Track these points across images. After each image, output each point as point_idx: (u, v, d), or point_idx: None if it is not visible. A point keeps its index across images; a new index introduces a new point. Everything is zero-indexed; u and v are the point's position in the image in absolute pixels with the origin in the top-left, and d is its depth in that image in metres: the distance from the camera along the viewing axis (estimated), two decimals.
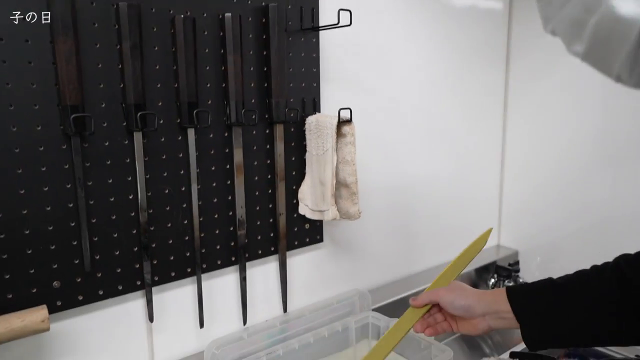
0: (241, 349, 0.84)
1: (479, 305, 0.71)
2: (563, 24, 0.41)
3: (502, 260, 1.32)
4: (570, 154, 1.24)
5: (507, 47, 1.33)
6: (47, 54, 0.66)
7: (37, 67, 0.65)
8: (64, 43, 0.65)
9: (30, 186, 0.66)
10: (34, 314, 0.64)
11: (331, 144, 0.86)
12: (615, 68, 0.39)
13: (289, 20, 0.87)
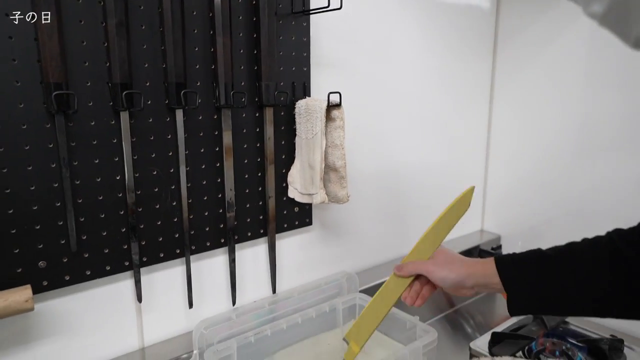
0: (230, 328, 0.80)
1: (469, 279, 0.68)
2: None
3: (485, 244, 1.30)
4: (552, 143, 1.21)
5: (494, 40, 1.29)
6: (29, 30, 0.60)
7: (17, 43, 0.60)
8: (46, 18, 0.60)
9: (13, 165, 0.61)
10: (17, 294, 0.60)
11: (320, 128, 0.82)
12: (634, 30, 0.35)
13: (280, 3, 0.82)
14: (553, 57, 1.18)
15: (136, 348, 0.78)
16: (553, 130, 1.20)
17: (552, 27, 1.16)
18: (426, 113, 1.16)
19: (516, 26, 1.24)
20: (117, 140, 0.69)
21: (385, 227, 1.13)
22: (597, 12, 0.36)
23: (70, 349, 0.71)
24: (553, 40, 1.16)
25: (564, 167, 1.19)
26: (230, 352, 0.76)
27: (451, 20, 1.16)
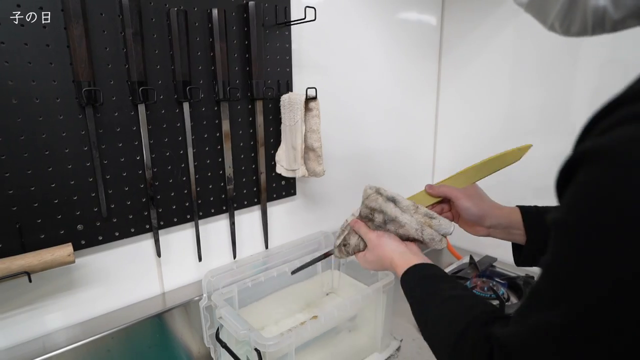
0: (232, 277, 0.83)
1: (491, 218, 0.60)
2: None
3: None
4: (486, 128, 1.24)
5: (440, 46, 1.31)
6: (62, 38, 0.62)
7: (54, 49, 0.61)
8: (76, 29, 0.61)
9: (54, 148, 0.64)
10: (62, 250, 0.63)
11: (300, 117, 0.85)
12: (550, 17, 0.38)
13: (266, 16, 0.84)
14: (485, 60, 1.21)
15: (158, 293, 0.81)
16: (486, 117, 1.23)
17: (483, 37, 1.19)
18: (386, 105, 1.19)
19: (456, 37, 1.27)
20: (136, 128, 0.71)
21: (354, 195, 1.16)
22: (523, 2, 0.39)
23: (104, 294, 0.74)
24: (485, 47, 1.19)
25: (495, 146, 1.19)
26: (232, 295, 0.80)
27: (406, 30, 1.18)
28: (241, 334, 0.66)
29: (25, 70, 0.59)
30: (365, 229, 0.63)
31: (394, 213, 0.59)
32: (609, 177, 0.26)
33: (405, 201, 0.60)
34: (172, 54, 0.73)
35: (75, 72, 0.63)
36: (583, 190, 0.27)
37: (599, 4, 0.34)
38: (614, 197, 0.25)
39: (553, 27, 0.39)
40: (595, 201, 0.26)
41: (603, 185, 0.26)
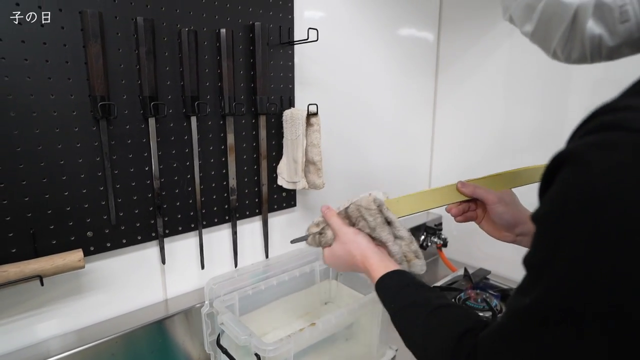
0: (233, 284, 0.85)
1: (523, 226, 0.60)
2: (519, 9, 0.42)
3: (430, 222, 1.36)
4: (481, 144, 1.28)
5: (436, 64, 1.36)
6: (80, 55, 0.66)
7: (72, 66, 0.65)
8: (94, 47, 0.66)
9: (68, 158, 0.67)
10: (73, 255, 0.65)
11: (302, 131, 0.88)
12: (553, 45, 0.40)
13: (271, 36, 0.88)
14: (480, 78, 1.26)
15: (161, 299, 0.83)
16: (481, 134, 1.27)
17: (478, 56, 1.24)
18: (385, 120, 1.23)
19: (452, 55, 1.32)
20: (146, 140, 0.75)
21: None
22: (528, 31, 0.42)
23: (111, 298, 0.77)
24: (480, 66, 1.24)
25: (489, 162, 1.25)
26: (233, 302, 0.83)
27: (404, 49, 1.23)
28: (242, 339, 0.69)
29: (45, 85, 0.63)
30: (340, 223, 0.62)
31: (385, 238, 0.59)
32: (575, 177, 0.29)
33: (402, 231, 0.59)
34: (181, 71, 0.77)
35: (92, 87, 0.67)
36: (557, 189, 0.31)
37: (594, 32, 0.36)
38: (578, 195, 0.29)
39: (556, 55, 0.42)
40: (564, 197, 0.30)
41: (570, 184, 0.30)
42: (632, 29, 0.35)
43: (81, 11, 0.65)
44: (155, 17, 0.72)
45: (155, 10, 0.72)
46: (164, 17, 0.74)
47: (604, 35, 0.36)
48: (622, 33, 0.35)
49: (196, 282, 0.88)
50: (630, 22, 0.34)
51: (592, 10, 0.36)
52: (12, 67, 0.60)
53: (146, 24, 0.70)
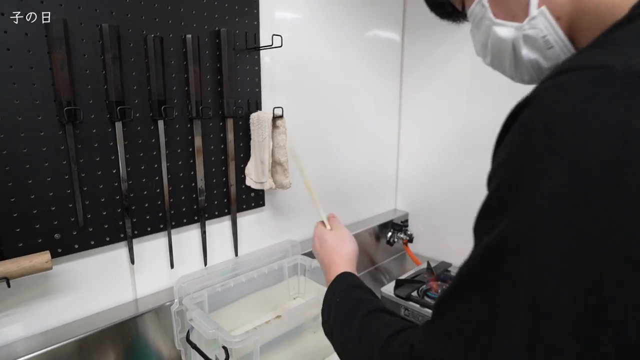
0: (202, 282, 0.88)
1: None
2: (478, 47, 0.49)
3: (396, 219, 1.42)
4: (445, 144, 1.33)
5: (401, 67, 1.42)
6: (45, 62, 0.67)
7: (37, 71, 0.67)
8: (58, 53, 0.67)
9: (35, 162, 0.68)
10: (40, 257, 0.67)
11: (268, 133, 0.92)
12: (507, 71, 0.47)
13: (237, 41, 0.91)
14: (443, 81, 1.32)
15: (131, 299, 0.85)
16: (445, 134, 1.33)
17: (441, 60, 1.30)
18: (352, 122, 1.27)
19: (416, 59, 1.38)
20: (113, 143, 0.76)
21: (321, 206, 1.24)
22: (488, 62, 0.49)
23: (80, 300, 0.78)
24: (442, 69, 1.31)
25: (453, 161, 1.31)
26: (202, 299, 0.86)
27: (370, 53, 1.28)
28: (210, 333, 0.72)
29: (9, 91, 0.64)
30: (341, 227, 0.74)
31: None
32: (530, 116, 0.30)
33: None
34: (148, 76, 0.79)
35: (57, 93, 0.68)
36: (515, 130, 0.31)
37: (531, 57, 0.42)
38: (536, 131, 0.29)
39: (513, 79, 0.47)
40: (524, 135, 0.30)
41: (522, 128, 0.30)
42: (558, 52, 0.41)
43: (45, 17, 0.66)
44: (121, 23, 0.74)
45: (120, 16, 0.74)
46: (129, 23, 0.76)
47: (539, 59, 0.42)
48: (552, 56, 0.41)
49: (166, 281, 0.90)
50: (555, 48, 0.41)
51: (523, 41, 0.42)
52: None
53: (111, 30, 0.72)
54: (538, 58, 0.42)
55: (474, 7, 0.46)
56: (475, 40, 0.49)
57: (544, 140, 0.28)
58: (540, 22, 0.40)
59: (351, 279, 0.59)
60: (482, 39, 0.47)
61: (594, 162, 0.26)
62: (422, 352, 0.36)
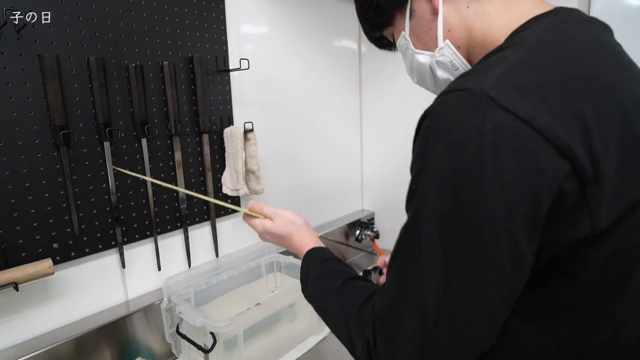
0: (188, 281, 0.98)
1: None
2: (407, 69, 0.59)
3: (363, 218, 1.54)
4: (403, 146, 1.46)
5: (360, 76, 1.56)
6: (41, 92, 0.77)
7: (34, 101, 0.76)
8: (52, 85, 0.77)
9: (33, 180, 0.77)
10: (43, 264, 0.76)
11: (240, 145, 1.03)
12: (430, 87, 0.57)
13: (208, 65, 1.02)
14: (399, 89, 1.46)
15: (123, 300, 0.94)
16: (404, 138, 1.46)
17: (397, 70, 1.45)
18: (318, 132, 1.39)
19: (373, 69, 1.52)
20: (102, 161, 0.86)
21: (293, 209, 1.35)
22: (416, 82, 0.59)
23: (78, 301, 0.87)
24: (398, 79, 1.45)
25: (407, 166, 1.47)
26: (189, 296, 0.96)
27: (331, 67, 1.41)
28: (198, 321, 0.82)
29: (10, 119, 0.74)
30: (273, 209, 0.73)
31: None
32: (428, 122, 0.40)
33: None
34: (131, 100, 0.89)
35: (52, 119, 0.78)
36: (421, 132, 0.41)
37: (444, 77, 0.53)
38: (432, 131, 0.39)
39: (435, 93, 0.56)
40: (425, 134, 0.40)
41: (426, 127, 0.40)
42: (462, 72, 0.51)
43: (40, 54, 0.76)
44: (106, 55, 0.85)
45: (105, 49, 0.85)
46: (113, 55, 0.86)
47: (450, 77, 0.53)
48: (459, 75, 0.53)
49: (154, 282, 0.99)
50: (460, 69, 0.52)
51: (437, 65, 0.53)
52: None
53: (97, 62, 0.83)
54: (449, 77, 0.53)
55: (400, 40, 0.57)
56: (405, 64, 0.61)
57: (435, 138, 0.39)
58: (446, 51, 0.51)
59: (321, 253, 0.64)
60: (409, 64, 0.58)
61: (464, 150, 0.36)
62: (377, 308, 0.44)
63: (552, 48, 0.40)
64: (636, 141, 0.38)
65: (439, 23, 0.50)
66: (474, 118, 0.36)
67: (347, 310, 0.50)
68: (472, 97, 0.37)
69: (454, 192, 0.37)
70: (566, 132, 0.35)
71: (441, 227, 0.38)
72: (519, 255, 0.36)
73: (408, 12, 0.53)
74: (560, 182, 0.35)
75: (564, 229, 0.37)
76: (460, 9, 0.49)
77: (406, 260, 0.41)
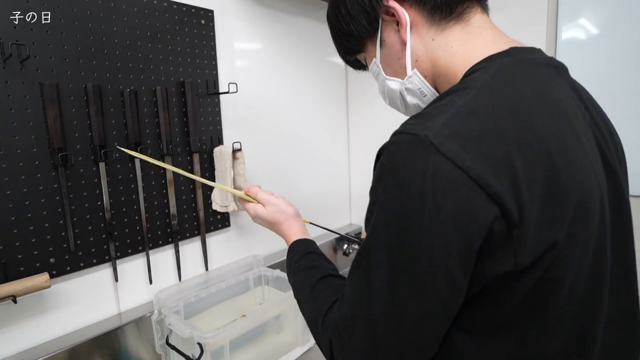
0: (178, 294, 1.02)
1: None
2: (380, 92, 0.63)
3: (351, 232, 1.61)
4: None
5: (346, 94, 1.64)
6: (41, 117, 0.83)
7: (34, 125, 0.82)
8: (52, 110, 0.83)
9: (32, 199, 0.83)
10: (40, 277, 0.81)
11: (229, 164, 1.09)
12: (401, 109, 0.61)
13: (199, 89, 1.09)
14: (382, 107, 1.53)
15: (115, 312, 0.98)
16: None
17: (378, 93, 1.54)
18: (306, 149, 1.46)
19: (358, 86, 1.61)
20: (97, 180, 0.92)
21: None
22: (388, 104, 0.62)
23: (73, 313, 0.91)
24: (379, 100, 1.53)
25: None
26: (179, 308, 1.00)
27: (318, 85, 1.48)
28: (186, 332, 0.87)
29: (12, 142, 0.80)
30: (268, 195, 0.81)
31: None
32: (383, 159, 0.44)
33: None
34: (125, 123, 0.96)
35: (51, 141, 0.84)
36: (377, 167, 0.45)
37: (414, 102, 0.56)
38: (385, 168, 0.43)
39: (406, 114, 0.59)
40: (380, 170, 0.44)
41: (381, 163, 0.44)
42: (430, 98, 0.56)
43: (41, 82, 0.82)
44: (102, 82, 0.91)
45: (101, 77, 0.91)
46: (108, 81, 0.93)
47: (419, 103, 0.57)
48: (427, 101, 0.56)
49: (146, 295, 1.04)
50: (428, 96, 0.56)
51: (406, 91, 0.57)
52: None
53: (94, 88, 0.89)
54: (418, 102, 0.57)
55: (372, 65, 0.60)
56: (378, 87, 0.63)
57: (386, 174, 0.43)
58: (415, 79, 0.55)
59: (305, 245, 0.69)
60: (381, 88, 0.61)
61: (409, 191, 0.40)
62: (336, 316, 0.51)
63: (494, 97, 0.44)
64: (559, 189, 0.42)
65: (407, 53, 0.54)
66: (419, 163, 0.40)
67: (319, 307, 0.55)
68: (419, 142, 0.41)
69: (399, 226, 0.41)
70: (497, 180, 0.39)
71: (388, 255, 0.43)
72: (453, 283, 0.41)
73: (378, 42, 0.57)
74: (490, 224, 0.39)
75: (492, 263, 0.41)
76: (426, 41, 0.53)
77: (360, 278, 0.46)
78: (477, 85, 0.45)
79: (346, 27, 0.58)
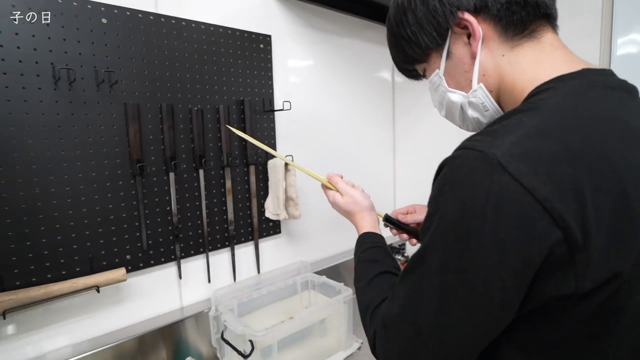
0: (233, 293, 1.10)
1: None
2: (436, 103, 0.62)
3: (395, 243, 1.62)
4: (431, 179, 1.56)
5: (393, 108, 1.67)
6: (123, 133, 0.95)
7: (118, 140, 0.95)
8: (133, 126, 0.96)
9: (114, 203, 0.95)
10: (118, 272, 0.93)
11: (282, 175, 1.17)
12: (457, 122, 0.60)
13: (257, 106, 1.19)
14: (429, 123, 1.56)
15: (178, 307, 1.09)
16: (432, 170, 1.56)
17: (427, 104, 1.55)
18: (352, 160, 1.52)
19: (405, 104, 1.64)
20: (167, 188, 1.03)
21: (327, 233, 1.46)
22: (443, 115, 0.61)
23: (143, 305, 1.02)
24: (429, 112, 1.56)
25: None
26: (233, 306, 1.09)
27: (366, 101, 1.54)
28: (239, 329, 0.95)
29: (101, 155, 0.93)
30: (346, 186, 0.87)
31: None
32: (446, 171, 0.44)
33: None
34: (192, 137, 1.07)
35: (131, 153, 0.96)
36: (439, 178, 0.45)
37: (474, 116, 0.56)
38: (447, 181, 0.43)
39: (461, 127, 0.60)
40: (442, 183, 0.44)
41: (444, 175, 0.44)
42: (492, 113, 0.55)
43: (125, 103, 0.95)
44: (174, 102, 1.03)
45: (173, 97, 1.03)
46: (179, 100, 1.04)
47: (480, 117, 0.56)
48: (488, 116, 0.56)
49: (204, 293, 1.14)
50: (490, 111, 0.55)
51: (469, 105, 0.56)
52: None
53: (167, 107, 1.01)
54: (479, 117, 0.56)
55: (433, 76, 0.59)
56: (434, 98, 0.62)
57: (449, 189, 0.43)
58: (480, 94, 0.54)
59: (372, 238, 0.72)
60: (439, 99, 0.60)
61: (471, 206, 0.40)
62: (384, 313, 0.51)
63: (566, 120, 0.42)
64: (629, 218, 0.40)
65: (475, 67, 0.52)
66: (484, 179, 0.40)
67: (371, 299, 0.57)
68: (485, 160, 0.40)
69: (457, 238, 0.41)
70: (564, 204, 0.38)
71: (442, 265, 0.43)
72: (506, 300, 0.41)
73: (445, 53, 0.55)
74: (552, 246, 0.38)
75: (552, 285, 0.40)
76: (496, 56, 0.51)
77: (412, 282, 0.48)
78: (547, 106, 0.44)
79: (412, 36, 0.56)
